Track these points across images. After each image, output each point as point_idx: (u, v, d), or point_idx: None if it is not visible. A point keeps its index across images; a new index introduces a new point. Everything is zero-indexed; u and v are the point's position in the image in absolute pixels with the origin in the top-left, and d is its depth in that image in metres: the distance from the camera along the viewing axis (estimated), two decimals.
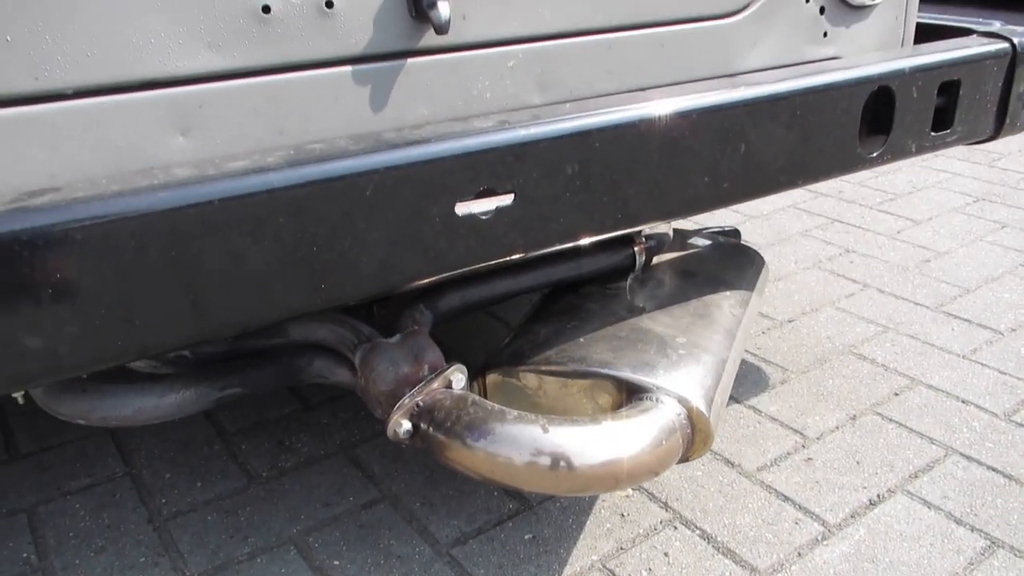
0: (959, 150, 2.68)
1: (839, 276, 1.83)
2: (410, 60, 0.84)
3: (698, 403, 0.94)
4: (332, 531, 1.14)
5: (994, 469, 1.21)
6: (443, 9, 0.81)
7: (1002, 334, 1.58)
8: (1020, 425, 1.31)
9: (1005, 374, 1.45)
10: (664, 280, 1.17)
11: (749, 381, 1.45)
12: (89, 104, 0.71)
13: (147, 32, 0.71)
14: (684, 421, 0.94)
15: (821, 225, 2.12)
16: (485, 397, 1.04)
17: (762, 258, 1.30)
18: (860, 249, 1.96)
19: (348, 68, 0.81)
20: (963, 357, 1.51)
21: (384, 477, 1.24)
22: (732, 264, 1.24)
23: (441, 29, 0.81)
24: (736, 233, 1.40)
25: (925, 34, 1.31)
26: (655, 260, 1.23)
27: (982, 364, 1.48)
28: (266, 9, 0.76)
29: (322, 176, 0.73)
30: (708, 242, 1.34)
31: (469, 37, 0.87)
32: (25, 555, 1.11)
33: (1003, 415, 1.34)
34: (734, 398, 1.40)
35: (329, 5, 0.78)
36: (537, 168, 0.83)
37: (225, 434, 1.35)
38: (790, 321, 1.65)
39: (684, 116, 0.91)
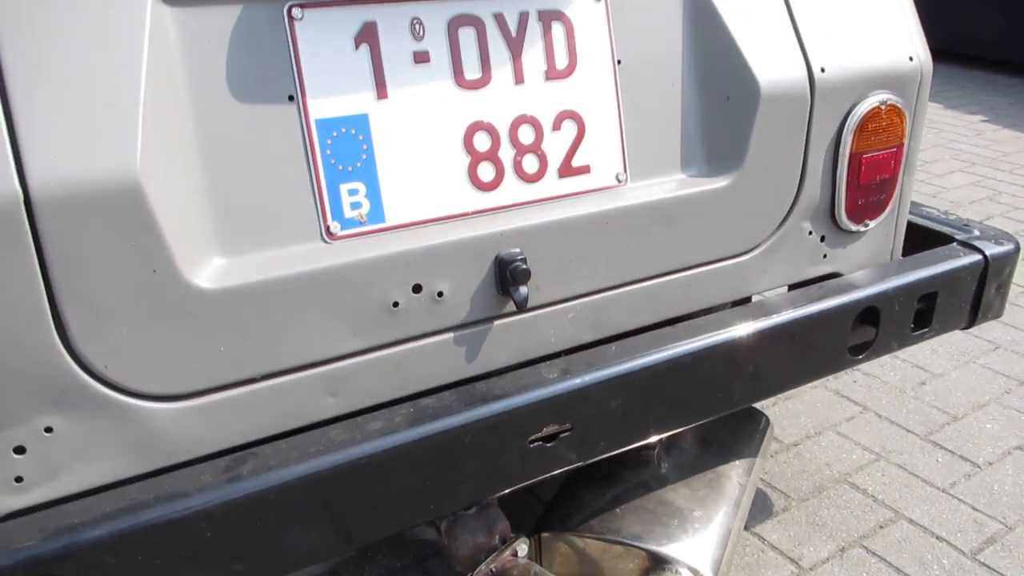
0: None
1: (843, 397, 2.08)
2: (496, 323, 1.11)
3: (708, 574, 1.21)
4: None
5: None
6: (523, 290, 1.07)
7: (980, 467, 1.82)
8: (982, 564, 1.56)
9: (977, 511, 1.70)
10: (684, 448, 1.43)
11: (756, 508, 1.70)
12: (271, 384, 0.98)
13: (313, 331, 0.98)
14: None
15: None
16: (540, 551, 1.31)
17: (768, 419, 1.55)
18: (863, 367, 2.20)
19: (451, 334, 1.08)
20: (942, 491, 1.75)
21: None
22: (742, 430, 1.49)
23: (521, 306, 1.08)
24: None
25: (915, 235, 1.55)
26: None
27: (958, 499, 1.73)
28: (395, 304, 1.03)
29: (434, 431, 1.00)
30: None
31: (540, 300, 1.13)
32: None
33: (969, 553, 1.59)
34: (745, 526, 1.66)
35: (440, 295, 1.05)
36: (590, 405, 1.10)
37: None
38: (795, 445, 1.90)
39: (702, 352, 1.18)
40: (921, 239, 1.56)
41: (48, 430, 0.88)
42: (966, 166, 3.78)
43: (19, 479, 0.89)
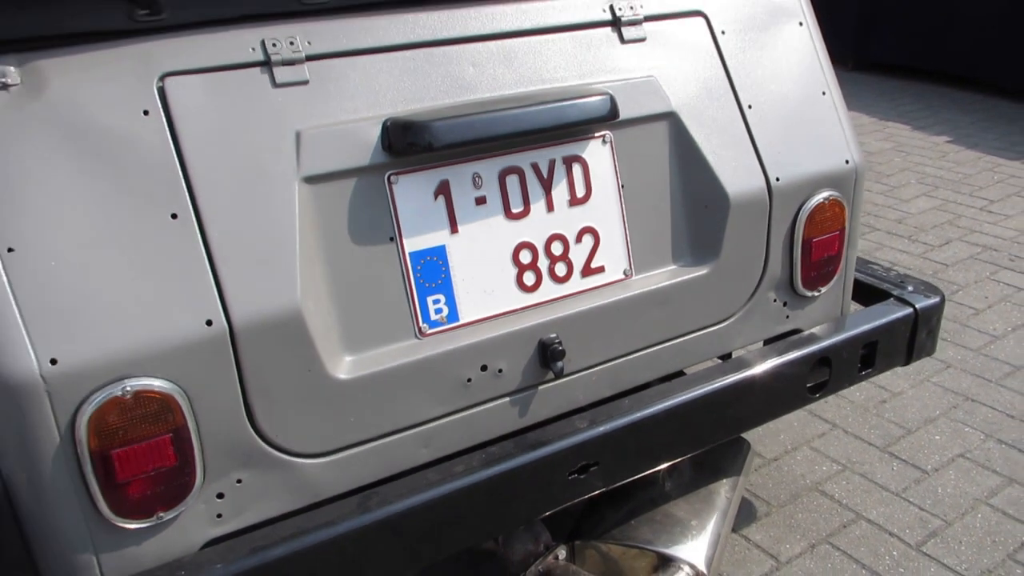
0: (921, 275, 3.29)
1: (815, 416, 2.47)
2: (540, 388, 1.50)
3: (703, 569, 1.59)
4: None
5: None
6: (559, 364, 1.46)
7: (928, 474, 2.21)
8: (924, 554, 1.95)
9: (923, 510, 2.08)
10: (683, 470, 1.82)
11: (744, 513, 2.09)
12: (384, 441, 1.37)
13: (412, 403, 1.37)
14: None
15: None
16: (574, 556, 1.69)
17: (749, 444, 1.94)
18: None
19: (508, 399, 1.47)
20: (896, 495, 2.14)
21: None
22: (728, 454, 1.88)
23: (558, 375, 1.47)
24: None
25: (863, 290, 1.94)
26: None
27: (908, 501, 2.12)
28: (469, 380, 1.41)
29: (500, 471, 1.39)
30: None
31: (572, 369, 1.52)
32: None
33: (915, 546, 1.98)
34: (734, 529, 2.04)
35: (500, 371, 1.44)
36: (612, 446, 1.48)
37: None
38: (775, 459, 2.29)
39: (695, 401, 1.56)
40: (868, 293, 1.95)
41: (239, 481, 1.27)
42: (930, 189, 4.17)
43: (219, 515, 1.27)
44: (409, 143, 1.31)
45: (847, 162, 1.74)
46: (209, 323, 1.18)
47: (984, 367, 2.68)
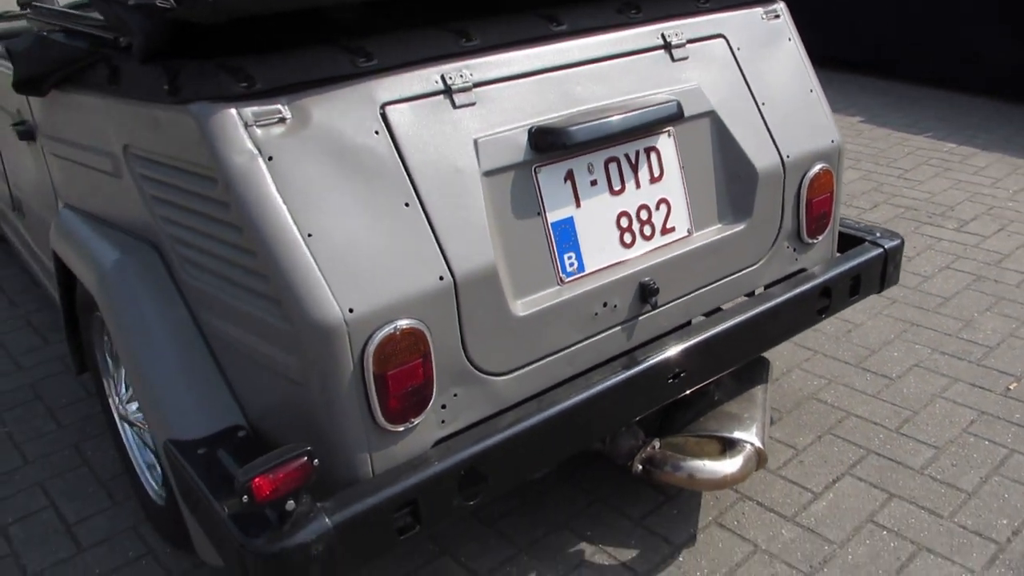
0: None
1: (800, 346, 3.08)
2: (641, 317, 2.02)
3: (760, 446, 2.16)
4: None
5: (890, 459, 2.46)
6: (654, 299, 1.99)
7: (893, 380, 2.84)
8: (902, 435, 2.57)
9: (896, 406, 2.71)
10: (728, 383, 2.38)
11: None
12: (543, 362, 1.87)
13: (558, 332, 1.88)
14: (755, 455, 2.15)
15: None
16: (662, 448, 2.23)
17: (769, 362, 2.51)
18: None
19: (620, 327, 1.99)
20: (873, 396, 2.76)
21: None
22: (756, 369, 2.45)
23: (654, 307, 2.00)
24: None
25: (845, 238, 2.54)
26: None
27: (883, 400, 2.74)
28: (596, 313, 1.93)
29: (623, 378, 1.91)
30: None
31: (661, 302, 2.05)
32: None
33: (894, 430, 2.59)
34: None
35: (615, 306, 1.96)
36: (692, 357, 2.03)
37: None
38: (776, 380, 2.88)
39: (742, 323, 2.12)
40: (849, 240, 2.55)
41: (455, 395, 1.76)
42: (854, 163, 4.88)
43: (443, 421, 1.76)
44: (550, 143, 1.82)
45: (832, 141, 2.33)
46: (441, 278, 1.67)
47: (921, 300, 3.35)
